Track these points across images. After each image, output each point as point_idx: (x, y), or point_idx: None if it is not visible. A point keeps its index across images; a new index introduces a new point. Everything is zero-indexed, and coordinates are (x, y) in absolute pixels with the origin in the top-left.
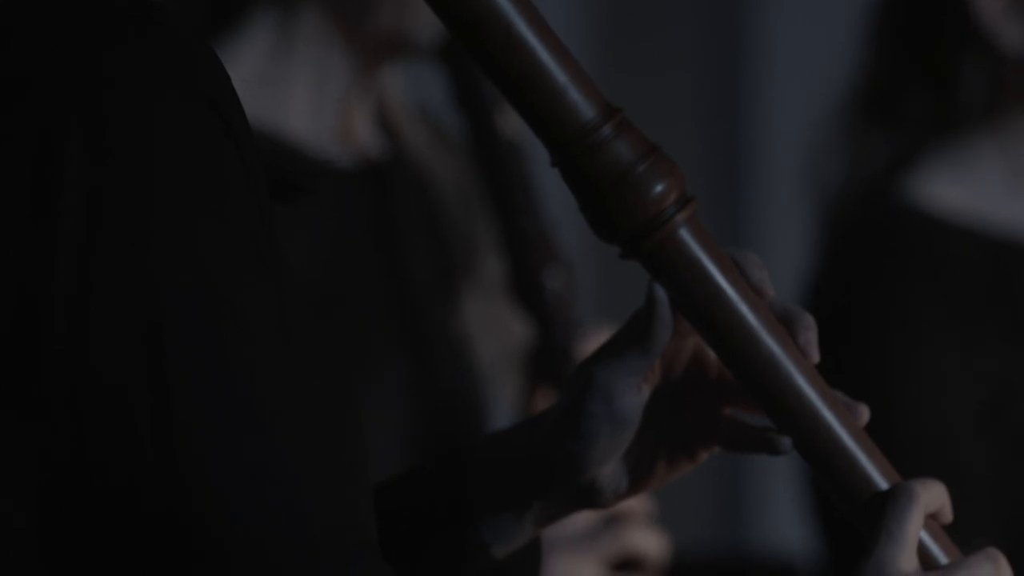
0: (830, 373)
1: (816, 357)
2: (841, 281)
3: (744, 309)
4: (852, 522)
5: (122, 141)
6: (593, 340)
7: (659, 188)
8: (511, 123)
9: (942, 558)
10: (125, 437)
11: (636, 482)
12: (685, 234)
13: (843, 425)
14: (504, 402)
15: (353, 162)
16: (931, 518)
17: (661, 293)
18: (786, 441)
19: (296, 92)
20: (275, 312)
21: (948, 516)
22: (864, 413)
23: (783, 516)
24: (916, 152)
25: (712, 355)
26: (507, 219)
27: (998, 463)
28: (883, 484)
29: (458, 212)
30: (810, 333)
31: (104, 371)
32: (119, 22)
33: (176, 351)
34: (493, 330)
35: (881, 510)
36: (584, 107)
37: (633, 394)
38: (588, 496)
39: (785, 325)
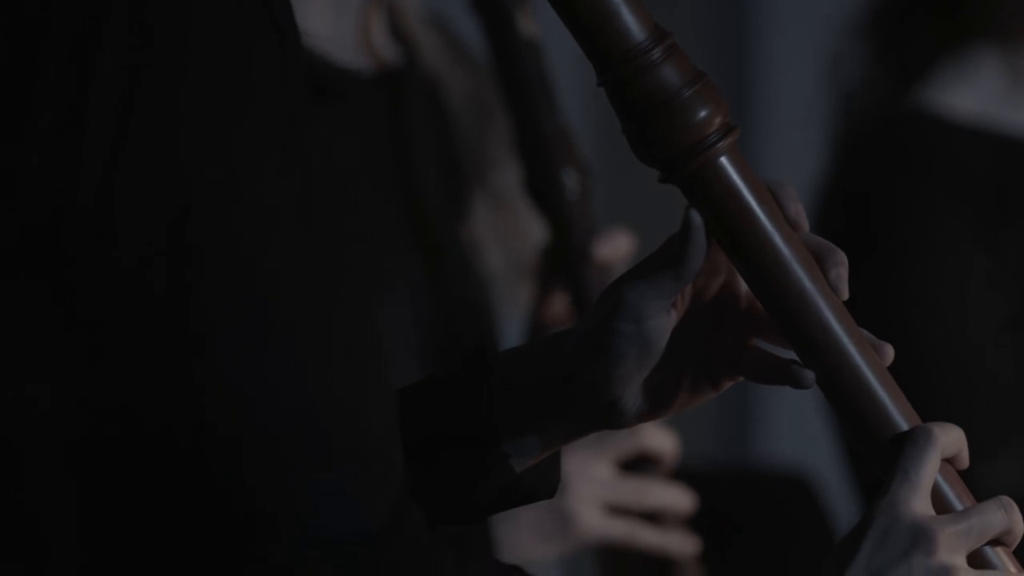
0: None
1: (845, 294)
2: (859, 192)
3: (778, 240)
4: (869, 461)
5: (160, 29)
6: (609, 243)
7: (703, 114)
8: (530, 23)
9: (956, 503)
10: (143, 325)
11: (658, 405)
12: (725, 162)
13: (867, 363)
14: (515, 310)
15: (370, 70)
16: (947, 463)
17: (697, 218)
18: (809, 375)
19: None
20: (295, 214)
21: (964, 462)
22: (889, 353)
23: (792, 428)
24: (926, 65)
25: (742, 286)
26: (525, 119)
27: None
28: (903, 425)
29: (471, 121)
30: (841, 269)
31: (126, 258)
32: None
33: (199, 245)
34: (504, 239)
35: (899, 451)
36: (635, 29)
37: (662, 317)
38: (609, 416)
39: (817, 260)
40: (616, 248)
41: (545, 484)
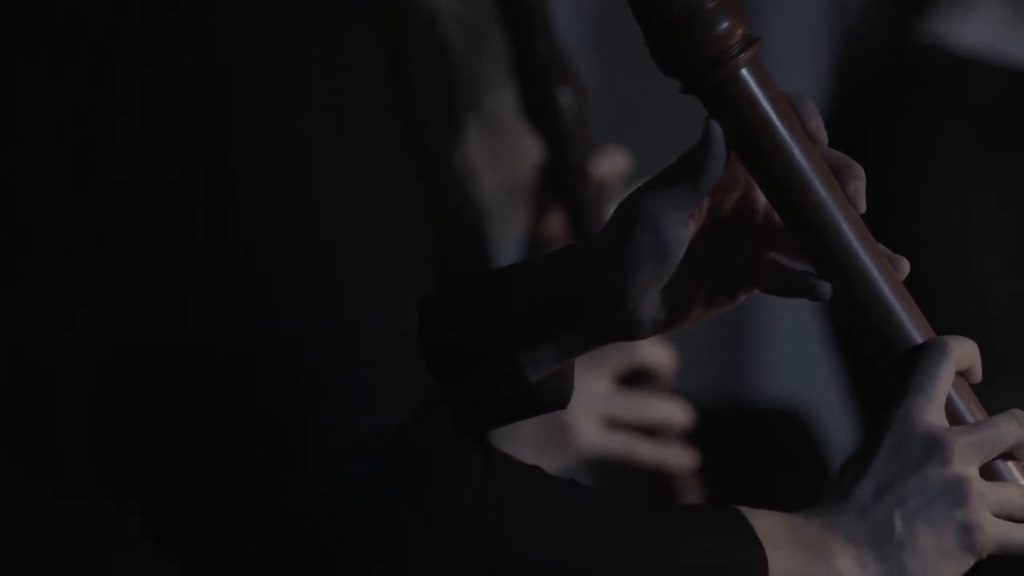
0: None
1: (863, 207)
2: (861, 125)
3: (797, 153)
4: (883, 372)
5: None
6: (606, 161)
7: (726, 25)
8: None
9: (968, 416)
10: (177, 238)
11: (674, 316)
12: (747, 74)
13: (883, 276)
14: (511, 234)
15: None
16: (960, 376)
17: (718, 130)
18: (826, 287)
19: None
20: (331, 124)
21: (977, 375)
22: (905, 266)
23: (788, 362)
24: None
25: (759, 199)
26: (521, 39)
27: None
28: (918, 337)
29: (466, 44)
30: (859, 183)
31: (164, 176)
32: None
33: (235, 160)
34: (499, 163)
35: (914, 363)
36: None
37: (680, 228)
38: (626, 327)
39: (835, 174)
40: (613, 166)
41: (559, 395)
